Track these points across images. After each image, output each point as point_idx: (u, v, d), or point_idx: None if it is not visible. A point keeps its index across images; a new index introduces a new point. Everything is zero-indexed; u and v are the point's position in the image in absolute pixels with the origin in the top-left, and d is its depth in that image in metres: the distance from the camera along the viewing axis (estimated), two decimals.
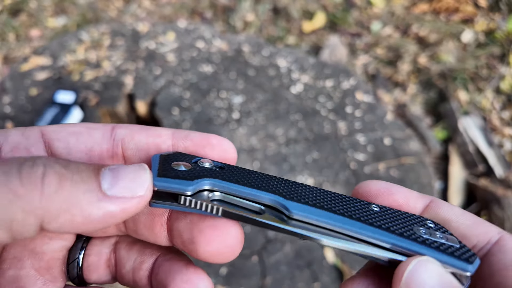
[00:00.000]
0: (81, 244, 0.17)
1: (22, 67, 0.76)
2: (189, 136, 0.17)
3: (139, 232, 0.16)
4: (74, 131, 0.15)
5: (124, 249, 0.17)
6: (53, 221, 0.12)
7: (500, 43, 1.26)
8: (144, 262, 0.16)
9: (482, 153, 1.02)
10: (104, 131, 0.16)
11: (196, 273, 0.15)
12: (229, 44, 0.81)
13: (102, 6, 1.28)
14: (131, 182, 0.13)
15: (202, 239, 0.15)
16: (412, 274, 0.12)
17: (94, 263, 0.17)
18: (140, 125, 0.16)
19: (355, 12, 1.39)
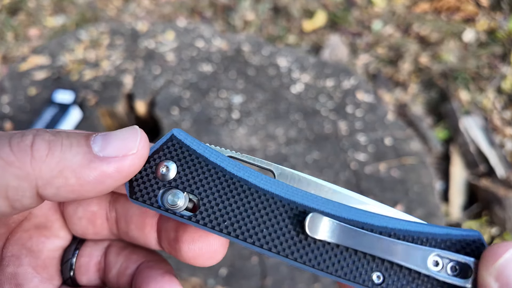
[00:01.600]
0: (75, 245, 0.17)
1: (20, 67, 0.76)
2: None
3: (130, 234, 0.16)
4: None
5: (113, 253, 0.17)
6: (48, 185, 0.12)
7: (501, 42, 1.26)
8: (128, 268, 0.16)
9: (483, 153, 1.02)
10: None
11: (170, 282, 0.15)
12: (229, 43, 0.81)
13: (101, 5, 1.28)
14: (123, 142, 0.13)
15: (186, 237, 0.15)
16: (507, 263, 0.12)
17: (85, 264, 0.17)
18: None
19: (355, 11, 1.39)
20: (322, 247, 0.14)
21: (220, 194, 0.15)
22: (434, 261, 0.14)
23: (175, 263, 0.51)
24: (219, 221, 0.15)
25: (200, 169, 0.15)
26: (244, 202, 0.15)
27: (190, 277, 0.50)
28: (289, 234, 0.14)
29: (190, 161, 0.15)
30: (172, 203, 0.14)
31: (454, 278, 0.14)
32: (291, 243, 0.14)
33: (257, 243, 0.14)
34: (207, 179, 0.15)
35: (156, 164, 0.15)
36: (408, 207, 0.56)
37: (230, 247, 0.52)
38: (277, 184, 0.15)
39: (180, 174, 0.15)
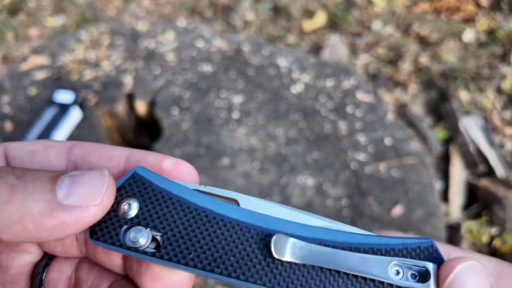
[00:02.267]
0: (45, 261, 0.17)
1: (21, 67, 0.76)
2: (142, 160, 0.16)
3: (97, 257, 0.16)
4: (31, 150, 0.15)
5: (84, 269, 0.17)
6: (5, 231, 0.12)
7: (501, 42, 1.26)
8: (100, 286, 0.16)
9: (483, 153, 1.02)
10: (60, 151, 0.16)
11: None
12: (229, 43, 0.81)
13: (101, 5, 1.28)
14: (88, 190, 0.13)
15: (149, 274, 0.15)
16: (457, 278, 0.13)
17: (54, 279, 0.17)
18: (99, 144, 0.16)
19: (355, 11, 1.39)
20: (289, 268, 0.14)
21: (184, 227, 0.15)
22: (395, 271, 0.14)
23: None
24: (184, 255, 0.14)
25: (163, 204, 0.15)
26: (209, 232, 0.15)
27: None
28: (256, 259, 0.14)
29: (153, 196, 0.15)
30: (134, 240, 0.14)
31: (415, 283, 0.14)
32: (259, 268, 0.14)
33: (224, 272, 0.14)
34: (171, 213, 0.15)
35: (117, 203, 0.15)
36: (408, 207, 0.56)
37: None
38: (241, 211, 0.15)
39: (142, 210, 0.15)
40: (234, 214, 0.15)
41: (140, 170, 0.15)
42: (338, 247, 0.15)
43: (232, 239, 0.15)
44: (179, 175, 0.16)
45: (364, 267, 0.14)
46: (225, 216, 0.15)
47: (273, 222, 0.15)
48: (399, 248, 0.15)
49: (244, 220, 0.15)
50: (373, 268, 0.14)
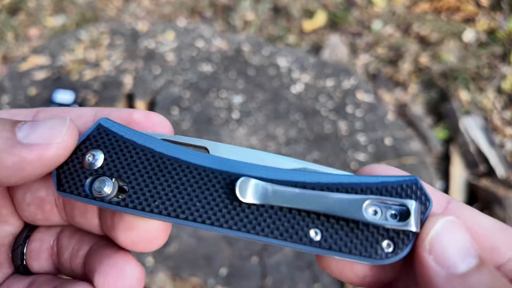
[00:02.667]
0: (26, 233, 0.17)
1: (21, 67, 0.76)
2: (111, 116, 0.16)
3: (75, 219, 0.16)
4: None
5: (66, 237, 0.17)
6: None
7: (501, 42, 1.26)
8: (81, 250, 0.16)
9: (483, 153, 1.02)
10: (26, 117, 0.16)
11: (123, 257, 0.15)
12: (229, 43, 0.81)
13: (101, 5, 1.28)
14: (48, 130, 0.13)
15: (122, 225, 0.15)
16: (438, 235, 0.13)
17: (36, 249, 0.17)
18: (63, 108, 0.16)
19: (355, 11, 1.39)
20: (256, 211, 0.14)
21: (149, 175, 0.15)
22: (372, 211, 0.13)
23: (175, 263, 0.51)
24: (149, 202, 0.14)
25: (127, 154, 0.15)
26: (175, 180, 0.15)
27: (190, 277, 0.50)
28: (223, 203, 0.14)
29: (117, 147, 0.15)
30: (99, 189, 0.14)
31: (393, 222, 0.13)
32: (225, 212, 0.14)
33: (190, 217, 0.14)
34: (135, 162, 0.15)
35: (82, 155, 0.15)
36: None
37: (230, 247, 0.52)
38: (209, 158, 0.15)
39: (107, 161, 0.15)
40: (201, 161, 0.15)
41: (105, 121, 0.15)
42: (308, 187, 0.14)
43: (198, 185, 0.15)
44: (149, 125, 0.16)
45: (335, 207, 0.13)
46: (191, 163, 0.15)
47: (241, 167, 0.15)
48: (378, 187, 0.14)
49: (211, 166, 0.15)
50: (345, 206, 0.13)
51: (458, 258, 0.12)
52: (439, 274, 0.12)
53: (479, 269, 0.12)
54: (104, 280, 0.14)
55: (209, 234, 0.53)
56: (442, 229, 0.13)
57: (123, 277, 0.14)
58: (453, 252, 0.12)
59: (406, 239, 0.13)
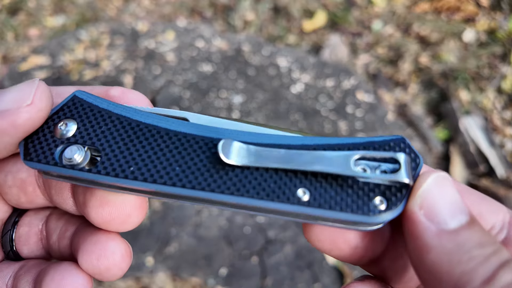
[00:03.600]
0: (14, 218, 0.16)
1: (21, 67, 0.76)
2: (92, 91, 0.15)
3: (53, 199, 0.16)
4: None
5: (54, 220, 0.16)
6: None
7: (501, 42, 1.26)
8: (67, 231, 0.16)
9: (484, 153, 1.02)
10: None
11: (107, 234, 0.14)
12: (229, 43, 0.81)
13: (101, 5, 1.28)
14: (17, 94, 0.13)
15: (93, 202, 0.14)
16: (429, 189, 0.12)
17: (25, 234, 0.16)
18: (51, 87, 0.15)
19: (355, 11, 1.39)
20: (240, 173, 0.13)
21: (124, 142, 0.14)
22: (361, 170, 0.13)
23: (175, 263, 0.51)
24: (123, 168, 0.13)
25: (102, 122, 0.14)
26: (152, 146, 0.14)
27: (190, 277, 0.50)
28: (205, 167, 0.13)
29: (92, 116, 0.14)
30: (69, 156, 0.14)
31: (384, 175, 0.13)
32: (207, 175, 0.13)
33: (168, 182, 0.13)
34: (110, 130, 0.14)
35: (54, 124, 0.14)
36: None
37: (230, 247, 0.52)
38: (189, 125, 0.14)
39: (80, 129, 0.14)
40: (180, 128, 0.14)
41: (80, 93, 0.15)
42: (293, 148, 0.13)
43: (178, 150, 0.14)
44: (126, 101, 0.15)
45: (323, 164, 0.13)
46: (170, 130, 0.14)
47: (223, 132, 0.14)
48: (364, 146, 0.13)
49: (192, 132, 0.14)
50: (334, 163, 0.13)
51: (449, 214, 0.12)
52: (430, 230, 0.12)
53: (470, 226, 0.12)
54: (87, 258, 0.14)
55: (209, 234, 0.53)
56: (434, 183, 0.13)
57: (106, 254, 0.14)
58: (445, 208, 0.12)
59: (399, 194, 0.13)
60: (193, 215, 0.55)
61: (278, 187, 0.13)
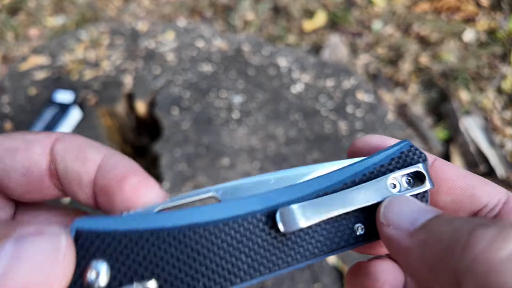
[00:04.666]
0: None
1: (21, 67, 0.76)
2: (111, 171, 0.13)
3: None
4: (11, 147, 0.13)
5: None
6: None
7: (501, 42, 1.26)
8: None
9: (484, 153, 1.02)
10: (44, 146, 0.13)
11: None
12: (229, 43, 0.81)
13: (101, 5, 1.28)
14: (42, 263, 0.10)
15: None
16: (388, 208, 0.14)
17: None
18: (81, 141, 0.14)
19: (355, 11, 1.39)
20: (302, 235, 0.13)
21: (167, 261, 0.12)
22: (392, 185, 0.14)
23: None
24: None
25: (135, 250, 0.12)
26: (201, 251, 0.12)
27: None
28: (265, 247, 0.13)
29: (115, 246, 0.12)
30: None
31: (414, 189, 0.14)
32: (268, 254, 0.13)
33: (235, 280, 0.12)
34: (147, 255, 0.12)
35: (80, 274, 0.11)
36: None
37: None
38: (222, 207, 0.13)
39: (114, 268, 0.11)
40: (216, 215, 0.13)
41: (82, 224, 0.12)
42: (337, 189, 0.14)
43: (229, 243, 0.12)
44: (141, 198, 0.13)
45: (369, 197, 0.14)
46: (206, 223, 0.12)
47: (263, 200, 0.13)
48: (387, 163, 0.15)
49: (231, 215, 0.13)
50: (377, 193, 0.14)
51: (415, 215, 0.13)
52: (403, 236, 0.12)
53: (439, 217, 0.12)
54: None
55: None
56: (390, 201, 0.14)
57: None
58: (409, 213, 0.13)
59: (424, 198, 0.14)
60: None
61: (340, 232, 0.14)
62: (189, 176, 0.59)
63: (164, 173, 0.59)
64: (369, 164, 0.15)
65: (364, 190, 0.14)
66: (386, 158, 0.15)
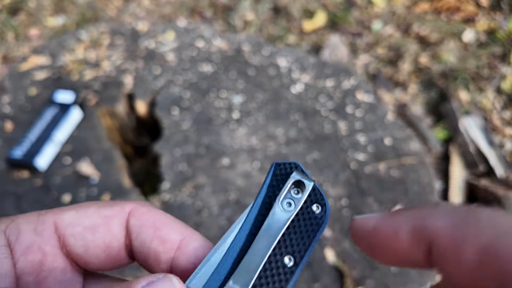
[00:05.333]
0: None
1: (21, 67, 0.76)
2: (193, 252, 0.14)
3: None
4: (91, 225, 0.14)
5: None
6: None
7: (501, 42, 1.26)
8: None
9: (483, 153, 1.02)
10: (120, 221, 0.14)
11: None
12: (229, 43, 0.81)
13: (101, 5, 1.28)
14: None
15: None
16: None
17: None
18: (155, 216, 0.14)
19: (355, 11, 1.39)
20: None
21: None
22: (287, 204, 0.14)
23: None
24: None
25: None
26: None
27: None
28: None
29: None
30: None
31: (304, 194, 0.14)
32: None
33: None
34: None
35: None
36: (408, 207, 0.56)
37: None
38: None
39: None
40: None
41: None
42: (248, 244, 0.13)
43: None
44: None
45: (276, 230, 0.13)
46: None
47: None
48: (268, 193, 0.14)
49: None
50: (280, 222, 0.13)
51: None
52: None
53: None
54: None
55: (209, 234, 0.53)
56: None
57: None
58: None
59: (315, 194, 0.15)
60: (193, 215, 0.55)
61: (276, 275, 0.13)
62: (189, 176, 0.59)
63: (164, 173, 0.59)
64: (259, 203, 0.14)
65: (268, 227, 0.13)
66: (265, 188, 0.15)
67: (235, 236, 0.14)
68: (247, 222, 0.14)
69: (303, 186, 0.14)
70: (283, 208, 0.14)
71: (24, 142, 0.61)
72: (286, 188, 0.14)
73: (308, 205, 0.14)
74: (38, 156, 0.59)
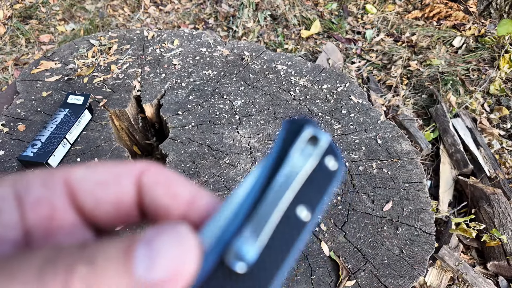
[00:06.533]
0: None
1: (33, 71, 0.79)
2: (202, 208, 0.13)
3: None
4: (101, 181, 0.13)
5: None
6: None
7: (490, 47, 1.31)
8: None
9: (472, 153, 1.05)
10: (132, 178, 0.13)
11: None
12: (231, 49, 0.85)
13: (110, 13, 1.32)
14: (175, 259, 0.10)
15: None
16: None
17: None
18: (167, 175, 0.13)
19: (350, 19, 1.44)
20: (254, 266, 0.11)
21: None
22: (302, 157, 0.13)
23: None
24: None
25: None
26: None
27: None
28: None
29: None
30: None
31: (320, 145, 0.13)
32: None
33: None
34: None
35: None
36: (399, 204, 0.59)
37: None
38: None
39: None
40: None
41: None
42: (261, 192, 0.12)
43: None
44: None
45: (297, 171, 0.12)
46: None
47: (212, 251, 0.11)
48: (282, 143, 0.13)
49: None
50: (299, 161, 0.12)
51: None
52: None
53: None
54: None
55: None
56: None
57: None
58: None
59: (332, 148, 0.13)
60: None
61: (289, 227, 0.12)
62: (194, 174, 0.62)
63: None
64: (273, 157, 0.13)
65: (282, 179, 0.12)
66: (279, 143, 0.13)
67: (249, 189, 0.13)
68: (261, 175, 0.13)
69: (317, 140, 0.13)
70: (298, 161, 0.13)
71: (35, 142, 0.62)
72: (302, 142, 0.13)
73: (323, 159, 0.13)
74: (49, 156, 0.60)
